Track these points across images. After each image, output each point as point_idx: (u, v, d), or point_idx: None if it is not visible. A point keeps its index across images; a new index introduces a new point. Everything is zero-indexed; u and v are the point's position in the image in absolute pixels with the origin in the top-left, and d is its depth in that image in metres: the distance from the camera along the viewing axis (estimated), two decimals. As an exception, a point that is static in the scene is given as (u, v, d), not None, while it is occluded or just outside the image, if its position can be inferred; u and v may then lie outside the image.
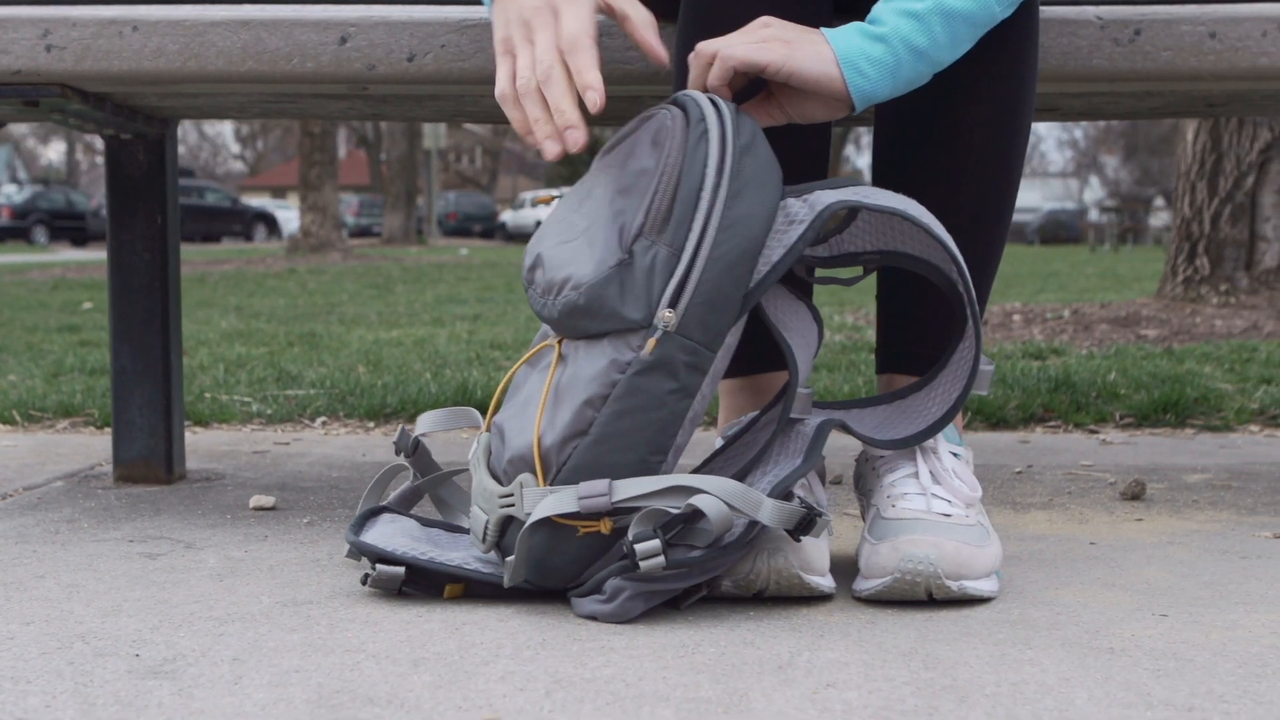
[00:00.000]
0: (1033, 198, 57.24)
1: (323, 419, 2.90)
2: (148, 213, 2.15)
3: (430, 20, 1.73)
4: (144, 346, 2.15)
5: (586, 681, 1.11)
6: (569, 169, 45.54)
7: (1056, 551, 1.62)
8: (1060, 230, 41.34)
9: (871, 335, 4.71)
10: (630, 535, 1.25)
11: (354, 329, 5.42)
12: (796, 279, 1.49)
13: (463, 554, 1.40)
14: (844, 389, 3.08)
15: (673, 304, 1.27)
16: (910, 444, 1.40)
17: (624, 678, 1.12)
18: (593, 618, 1.28)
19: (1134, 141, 49.26)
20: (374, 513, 1.50)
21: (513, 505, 1.30)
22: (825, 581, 1.36)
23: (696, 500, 1.24)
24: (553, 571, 1.31)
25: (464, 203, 42.04)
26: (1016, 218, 51.10)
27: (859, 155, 68.05)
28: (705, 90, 1.36)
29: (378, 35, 1.74)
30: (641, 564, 1.24)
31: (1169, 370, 3.13)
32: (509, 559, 1.31)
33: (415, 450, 1.55)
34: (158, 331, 2.15)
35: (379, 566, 1.37)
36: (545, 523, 1.28)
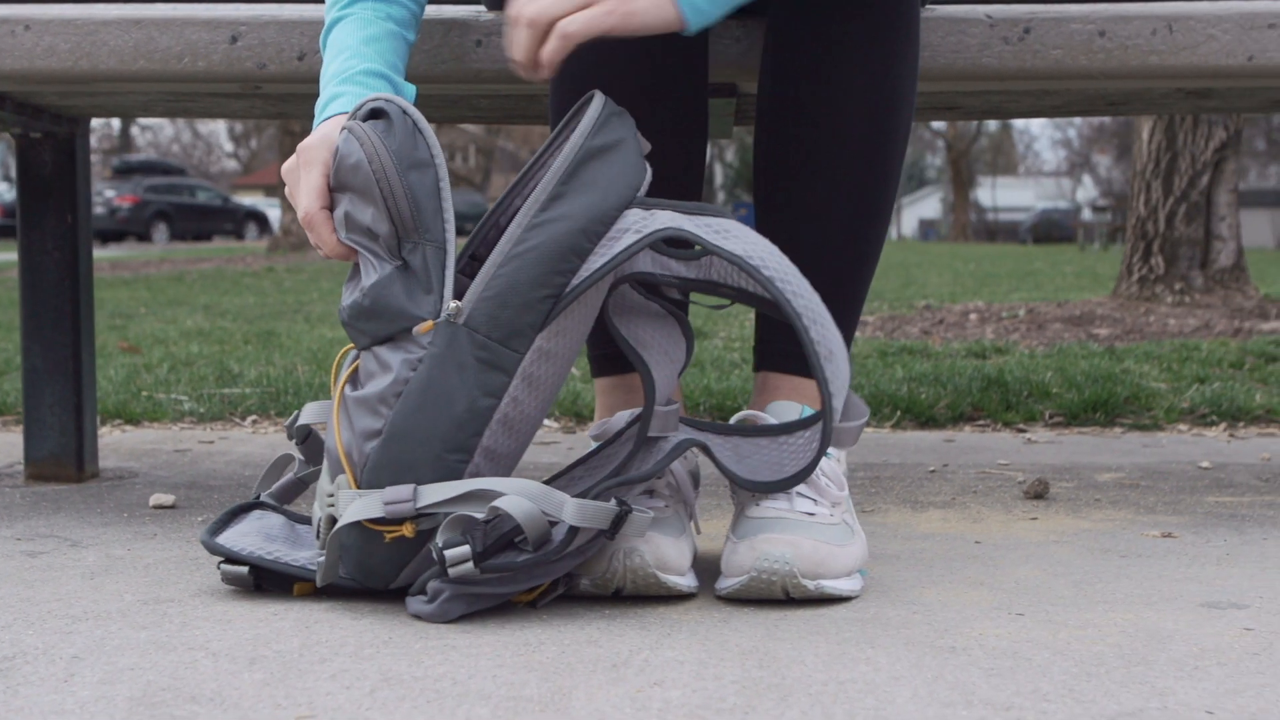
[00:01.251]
0: (1025, 197, 57.28)
1: (253, 418, 2.90)
2: (58, 211, 2.15)
3: (321, 19, 1.73)
4: (54, 345, 2.15)
5: (415, 680, 1.11)
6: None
7: (938, 550, 1.62)
8: (1053, 229, 41.36)
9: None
10: (440, 540, 1.25)
11: (316, 327, 5.42)
12: (674, 298, 1.48)
13: (311, 552, 1.40)
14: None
15: (458, 295, 1.28)
16: (760, 489, 1.39)
17: (454, 675, 1.12)
18: (418, 617, 1.29)
19: (1127, 141, 49.33)
20: (243, 509, 1.50)
21: (334, 505, 1.31)
22: (684, 581, 1.36)
23: (500, 504, 1.24)
24: (371, 571, 1.32)
25: (456, 202, 41.98)
26: (1010, 217, 51.22)
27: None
28: (536, 59, 1.35)
29: (269, 34, 1.73)
30: (450, 570, 1.24)
31: (1105, 369, 3.13)
32: (319, 559, 1.32)
33: (307, 439, 1.54)
34: (68, 330, 2.15)
35: (223, 566, 1.37)
36: (356, 525, 1.29)
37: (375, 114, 1.34)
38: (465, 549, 1.25)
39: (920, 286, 9.09)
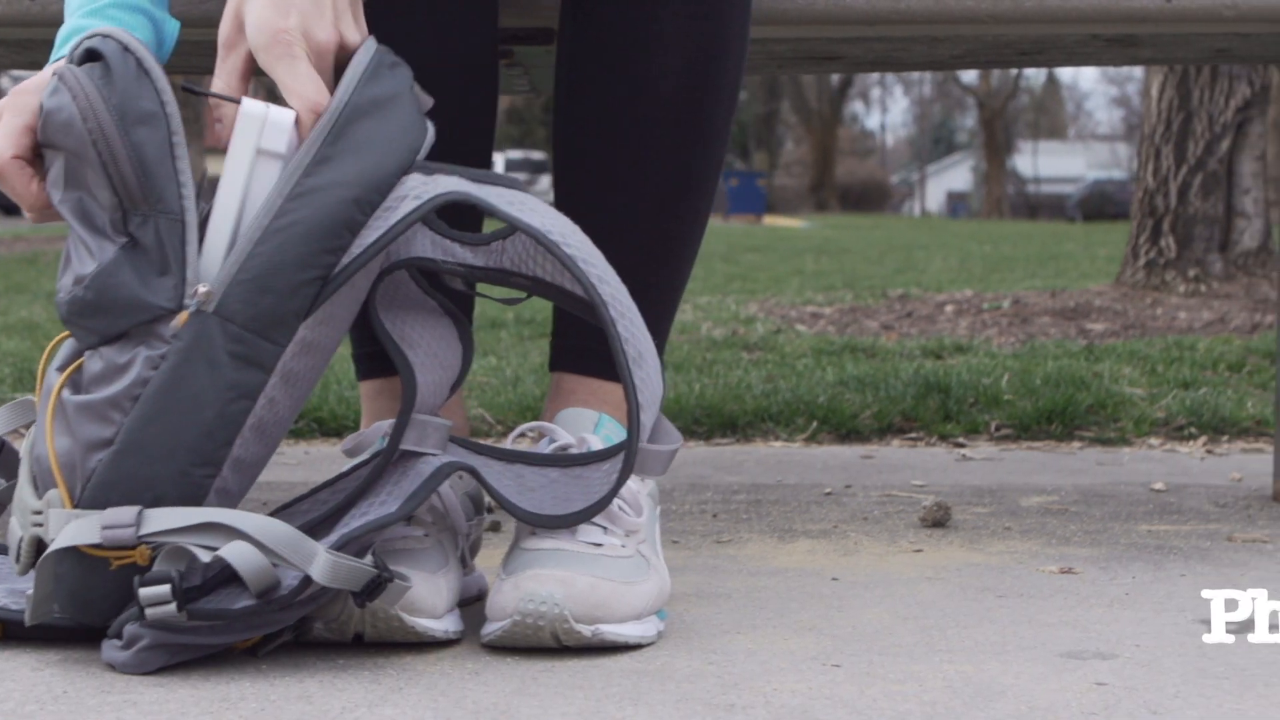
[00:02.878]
0: (1075, 165, 57.34)
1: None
2: None
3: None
4: None
5: (62, 745, 1.10)
6: (519, 128, 45.54)
7: (783, 589, 1.62)
8: (1107, 204, 40.79)
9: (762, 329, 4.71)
10: (148, 574, 1.24)
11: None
12: (457, 292, 1.46)
13: (5, 586, 1.39)
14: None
15: (207, 279, 1.26)
16: (543, 524, 1.38)
17: (111, 740, 1.11)
18: (112, 667, 1.27)
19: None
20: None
21: (42, 526, 1.29)
22: (438, 625, 1.35)
23: (227, 551, 1.22)
24: (89, 606, 1.30)
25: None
26: (1055, 189, 51.31)
27: (868, 115, 68.28)
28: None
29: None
30: (148, 611, 1.23)
31: (1073, 372, 3.13)
32: (29, 592, 1.30)
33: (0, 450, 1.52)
34: None
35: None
36: (73, 550, 1.27)
37: (91, 55, 1.31)
38: (165, 589, 1.23)
39: (916, 273, 9.12)
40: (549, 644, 1.33)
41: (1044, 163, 57.38)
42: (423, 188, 1.31)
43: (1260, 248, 5.33)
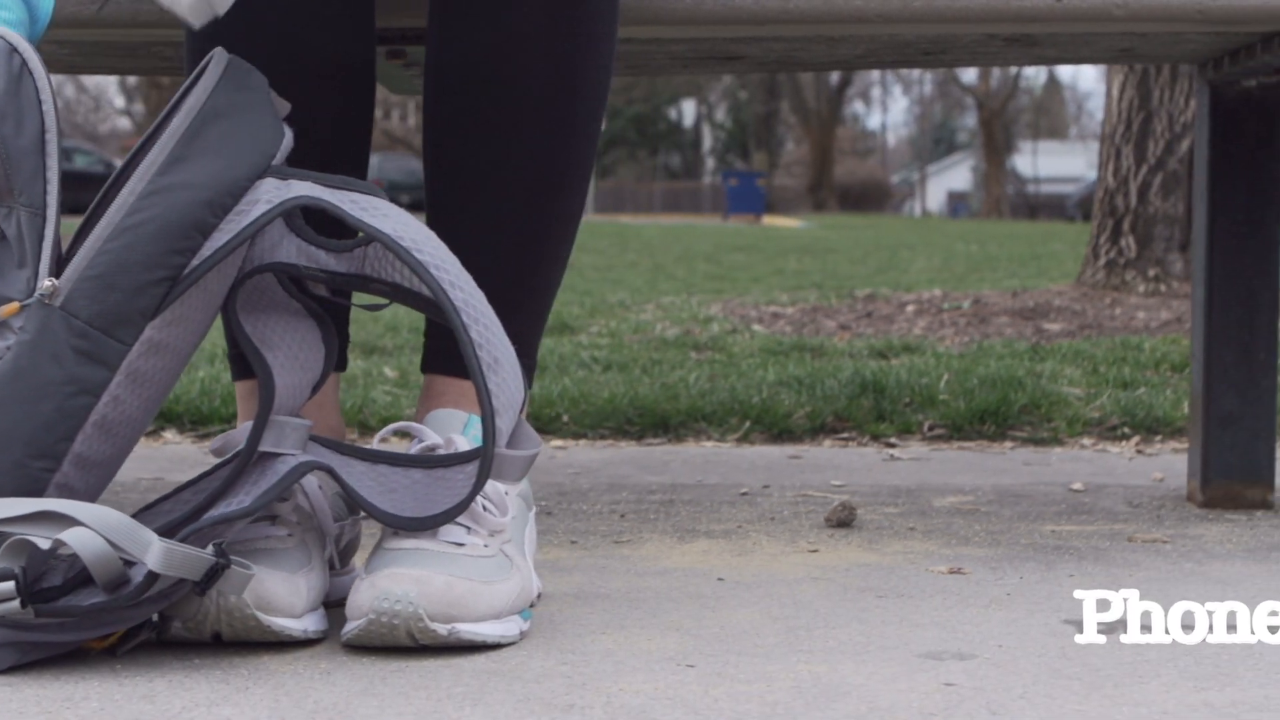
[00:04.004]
0: (1075, 165, 57.24)
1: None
2: None
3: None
4: None
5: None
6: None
7: (665, 589, 1.62)
8: (1107, 204, 41.04)
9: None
10: None
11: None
12: (325, 297, 1.46)
13: None
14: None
15: (55, 272, 1.27)
16: (402, 525, 1.38)
17: (-61, 740, 1.11)
18: (-43, 665, 1.27)
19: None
20: None
21: None
22: (296, 625, 1.35)
23: (67, 537, 1.23)
24: None
25: (390, 168, 41.82)
26: (1055, 189, 51.27)
27: (869, 114, 68.23)
28: None
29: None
30: None
31: (1011, 372, 3.13)
32: None
33: None
34: None
35: None
36: None
37: None
38: (9, 585, 1.24)
39: (898, 273, 9.12)
40: (405, 643, 1.33)
41: (1044, 163, 57.29)
42: (275, 193, 1.33)
43: (1221, 248, 5.30)
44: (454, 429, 1.48)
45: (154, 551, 1.23)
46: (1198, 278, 2.14)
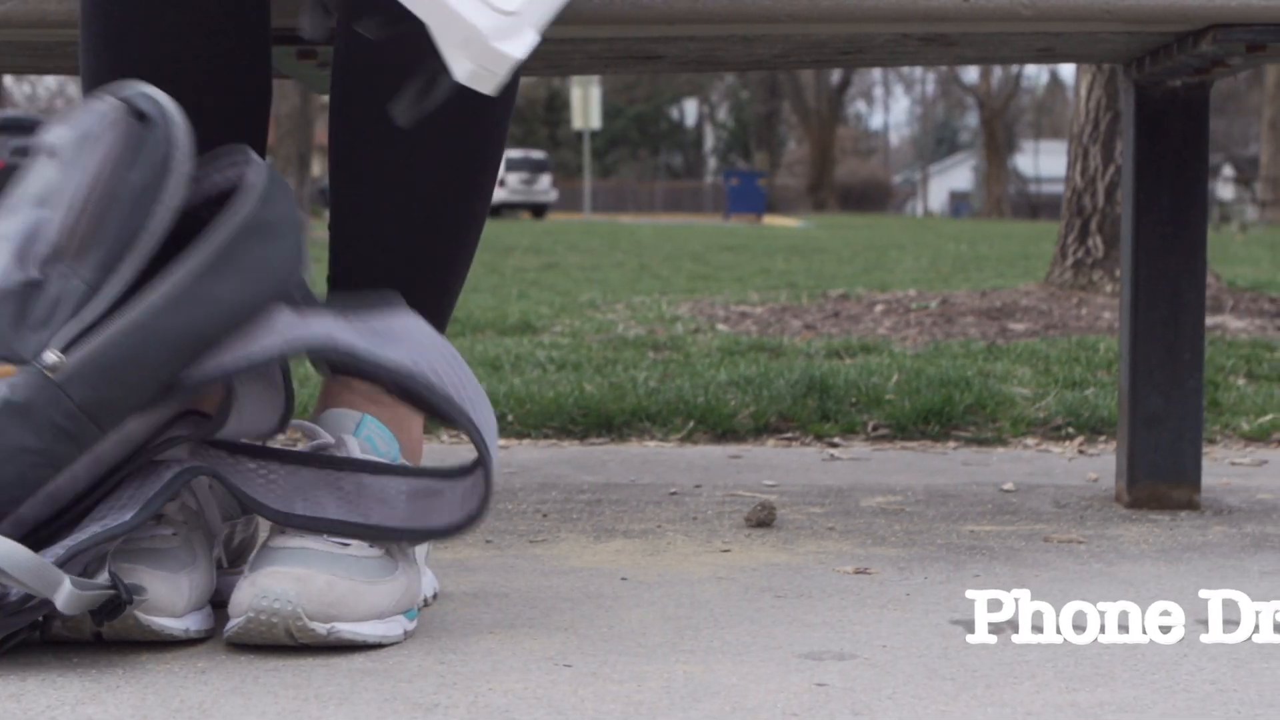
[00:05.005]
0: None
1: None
2: None
3: None
4: None
5: None
6: (521, 128, 45.47)
7: (566, 589, 1.62)
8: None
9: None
10: None
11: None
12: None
13: None
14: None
15: (66, 349, 1.27)
16: (290, 522, 1.39)
17: None
18: None
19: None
20: None
21: None
22: (177, 624, 1.36)
23: None
24: None
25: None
26: (1057, 188, 51.26)
27: (871, 114, 68.21)
28: None
29: None
30: None
31: (959, 373, 3.13)
32: None
33: None
34: None
35: None
36: None
37: (140, 116, 1.32)
38: None
39: (884, 272, 9.12)
40: (285, 641, 1.34)
41: (1045, 162, 57.22)
42: (290, 330, 1.34)
43: (1190, 248, 5.30)
44: (346, 429, 1.48)
45: (64, 594, 1.24)
46: (1125, 277, 2.14)
